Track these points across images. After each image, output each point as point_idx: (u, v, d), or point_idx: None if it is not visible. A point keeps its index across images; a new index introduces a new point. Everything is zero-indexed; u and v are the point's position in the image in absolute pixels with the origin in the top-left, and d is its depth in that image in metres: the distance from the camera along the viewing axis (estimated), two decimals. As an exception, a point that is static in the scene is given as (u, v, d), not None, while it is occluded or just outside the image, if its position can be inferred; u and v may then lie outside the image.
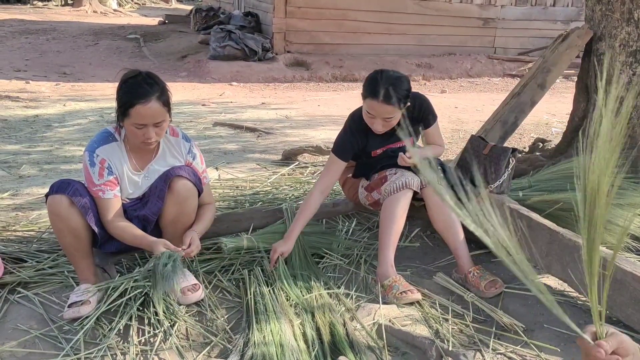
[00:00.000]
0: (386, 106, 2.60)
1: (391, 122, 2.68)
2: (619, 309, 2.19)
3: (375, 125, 2.69)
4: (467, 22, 11.34)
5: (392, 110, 2.61)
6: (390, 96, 2.58)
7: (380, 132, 2.73)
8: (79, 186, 2.36)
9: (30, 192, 3.75)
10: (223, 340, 2.21)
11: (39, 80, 8.56)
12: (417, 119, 2.88)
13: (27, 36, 13.15)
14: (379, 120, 2.66)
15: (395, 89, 2.59)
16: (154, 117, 2.29)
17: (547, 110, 7.37)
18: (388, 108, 2.60)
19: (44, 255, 2.75)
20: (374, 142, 2.84)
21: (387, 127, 2.71)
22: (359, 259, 2.87)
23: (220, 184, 3.89)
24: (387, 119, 2.65)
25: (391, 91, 2.58)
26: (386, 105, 2.60)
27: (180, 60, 10.80)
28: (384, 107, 2.61)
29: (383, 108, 2.61)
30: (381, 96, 2.58)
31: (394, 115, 2.65)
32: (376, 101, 2.60)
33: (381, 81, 2.60)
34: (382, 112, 2.63)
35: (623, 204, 2.84)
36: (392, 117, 2.66)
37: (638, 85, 3.24)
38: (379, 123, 2.67)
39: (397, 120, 2.69)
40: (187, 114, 6.64)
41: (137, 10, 22.16)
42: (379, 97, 2.58)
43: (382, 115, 2.64)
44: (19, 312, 2.35)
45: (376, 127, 2.69)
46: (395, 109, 2.61)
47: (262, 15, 11.12)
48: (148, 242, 2.35)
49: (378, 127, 2.69)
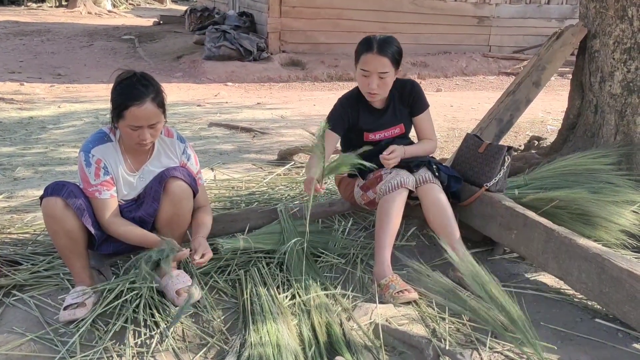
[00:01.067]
0: (381, 58, 2.67)
1: (386, 80, 2.73)
2: (615, 306, 2.19)
3: (371, 85, 2.72)
4: (462, 21, 11.36)
5: (386, 63, 2.68)
6: (384, 48, 2.68)
7: (374, 93, 2.75)
8: (73, 188, 2.35)
9: (25, 194, 3.74)
10: (219, 342, 2.20)
11: (34, 81, 8.54)
12: (407, 102, 2.91)
13: (21, 38, 13.12)
14: (375, 77, 2.71)
15: (387, 43, 2.70)
16: (148, 118, 2.28)
17: (542, 108, 7.39)
18: (383, 60, 2.67)
19: (39, 258, 2.74)
20: (365, 119, 2.87)
21: (382, 87, 2.74)
22: (355, 259, 2.87)
23: (216, 185, 3.88)
24: (382, 74, 2.70)
25: (385, 45, 2.69)
26: (381, 57, 2.67)
27: (175, 60, 10.79)
28: (380, 59, 2.67)
29: (378, 60, 2.67)
30: (376, 48, 2.67)
31: (389, 72, 2.71)
32: (371, 53, 2.68)
33: (373, 38, 2.73)
34: (377, 66, 2.68)
35: (618, 201, 2.85)
36: (387, 74, 2.71)
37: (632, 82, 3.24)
38: (374, 80, 2.71)
39: (391, 82, 2.76)
40: (182, 114, 6.63)
41: (132, 11, 22.12)
42: (374, 48, 2.68)
43: (377, 69, 2.69)
44: (15, 315, 2.34)
45: (371, 87, 2.73)
46: (389, 62, 2.69)
47: (257, 15, 11.11)
48: (154, 240, 2.35)
49: (373, 85, 2.72)
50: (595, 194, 2.84)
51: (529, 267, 2.81)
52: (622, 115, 3.30)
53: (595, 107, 3.45)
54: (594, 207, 2.76)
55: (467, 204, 2.87)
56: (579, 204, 2.77)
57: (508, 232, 2.67)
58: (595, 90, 3.44)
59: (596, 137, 3.43)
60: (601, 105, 3.41)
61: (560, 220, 2.72)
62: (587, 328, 2.31)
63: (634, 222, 2.79)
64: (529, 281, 2.69)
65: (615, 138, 3.33)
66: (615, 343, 2.20)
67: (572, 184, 2.97)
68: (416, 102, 2.92)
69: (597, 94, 3.43)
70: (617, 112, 3.32)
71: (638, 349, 2.17)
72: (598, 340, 2.22)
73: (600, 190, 2.91)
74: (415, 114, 2.93)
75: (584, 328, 2.31)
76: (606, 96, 3.37)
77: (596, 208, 2.76)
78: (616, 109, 3.32)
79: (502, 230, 2.70)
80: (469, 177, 2.90)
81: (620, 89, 3.29)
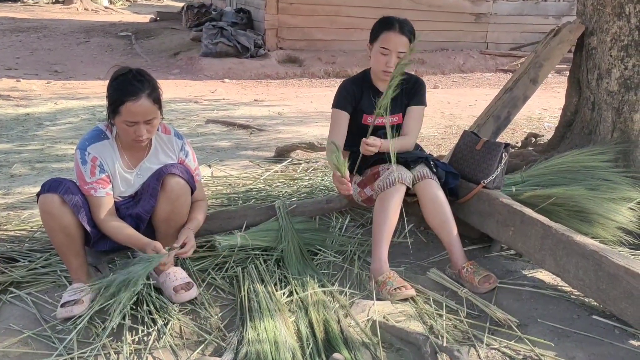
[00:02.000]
0: (402, 36, 2.75)
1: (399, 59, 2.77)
2: (612, 302, 2.19)
3: (389, 62, 2.78)
4: (459, 18, 11.36)
5: (406, 43, 2.76)
6: (405, 28, 2.77)
7: (390, 71, 2.76)
8: (70, 185, 2.35)
9: (22, 191, 3.73)
10: (217, 339, 2.20)
11: (30, 78, 8.51)
12: (409, 94, 2.92)
13: (17, 34, 13.08)
14: (394, 55, 2.76)
15: (407, 24, 2.81)
16: (144, 114, 2.28)
17: (539, 105, 7.40)
18: (403, 39, 2.76)
19: (36, 255, 2.74)
20: (367, 101, 2.88)
21: (394, 66, 2.78)
22: (352, 256, 2.87)
23: (213, 182, 3.88)
24: (401, 53, 2.76)
25: (405, 24, 2.79)
26: (402, 36, 2.75)
27: (173, 57, 10.77)
28: (400, 38, 2.75)
29: (399, 39, 2.75)
30: (398, 27, 2.76)
31: (406, 52, 2.76)
32: (393, 32, 2.76)
33: (394, 18, 2.81)
34: (398, 44, 2.75)
35: (616, 198, 2.85)
36: (404, 54, 2.76)
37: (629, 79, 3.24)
38: (392, 59, 2.77)
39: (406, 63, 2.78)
40: (179, 111, 6.61)
41: (129, 8, 22.06)
42: (396, 27, 2.76)
43: (397, 47, 2.75)
44: (12, 312, 2.33)
45: (389, 64, 2.77)
46: (408, 42, 2.76)
47: (254, 12, 11.09)
48: (141, 243, 2.34)
49: (391, 62, 2.77)
50: (592, 191, 2.84)
51: (526, 264, 2.82)
52: (619, 112, 3.30)
53: (592, 104, 3.46)
54: (591, 204, 2.76)
55: (465, 201, 2.87)
56: (576, 201, 2.77)
57: (505, 229, 2.67)
58: (593, 88, 3.44)
59: (593, 134, 3.44)
60: (598, 102, 3.41)
61: (558, 217, 2.72)
62: (584, 325, 2.31)
63: (631, 219, 2.80)
64: (526, 278, 2.70)
65: (612, 135, 3.33)
66: (612, 340, 2.21)
67: (569, 181, 2.97)
68: (415, 94, 2.92)
69: (594, 91, 3.44)
70: (614, 109, 3.32)
71: (634, 346, 2.17)
72: (595, 337, 2.23)
73: (597, 187, 2.91)
74: (410, 104, 2.93)
75: (581, 325, 2.31)
76: (603, 93, 3.37)
77: (593, 205, 2.76)
78: (613, 106, 3.32)
79: (499, 227, 2.71)
80: (467, 174, 2.90)
81: (618, 86, 3.29)
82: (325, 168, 4.23)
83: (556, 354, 2.12)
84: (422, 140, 5.24)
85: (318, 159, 4.53)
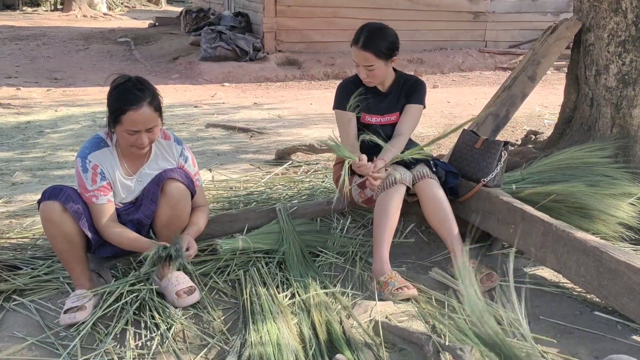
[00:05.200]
0: (364, 52, 2.72)
1: (374, 72, 2.78)
2: (613, 298, 2.20)
3: (360, 74, 2.81)
4: (457, 17, 11.37)
5: (370, 57, 2.72)
6: (368, 43, 2.71)
7: (366, 82, 2.83)
8: (71, 192, 2.36)
9: (24, 198, 3.74)
10: (220, 342, 2.21)
11: (30, 86, 8.54)
12: (408, 94, 2.91)
13: (17, 42, 13.11)
14: (362, 68, 2.77)
15: (374, 37, 2.72)
16: (145, 122, 2.29)
17: (539, 102, 7.40)
18: (366, 55, 2.72)
19: (39, 262, 2.74)
20: (364, 100, 2.87)
21: (371, 78, 2.81)
22: (354, 257, 2.87)
23: (214, 186, 3.88)
24: (369, 67, 2.75)
25: (370, 39, 2.71)
26: (364, 52, 2.72)
27: (172, 62, 10.79)
28: (362, 54, 2.72)
29: (362, 54, 2.73)
30: (360, 43, 2.73)
31: (375, 65, 2.74)
32: (356, 47, 2.75)
33: (364, 29, 2.76)
34: (361, 59, 2.74)
35: (616, 194, 2.85)
36: (373, 66, 2.75)
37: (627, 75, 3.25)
38: (362, 71, 2.79)
39: (381, 72, 2.80)
40: (179, 116, 6.63)
41: (127, 14, 22.09)
42: (359, 43, 2.73)
43: (361, 62, 2.75)
44: (15, 319, 2.34)
45: (362, 76, 2.81)
46: (373, 56, 2.72)
47: (253, 15, 11.11)
48: (143, 246, 2.35)
49: (362, 75, 2.80)
50: (592, 187, 2.84)
51: (527, 261, 2.82)
52: (618, 107, 3.31)
53: (591, 101, 3.46)
54: (591, 200, 2.77)
55: (465, 199, 2.88)
56: (577, 198, 2.77)
57: (506, 227, 2.67)
58: (591, 84, 3.45)
59: (592, 130, 3.44)
60: (597, 98, 3.41)
61: (558, 214, 2.72)
62: (586, 321, 2.32)
63: (632, 215, 2.80)
64: (528, 275, 2.70)
65: (611, 131, 3.34)
66: (614, 335, 2.21)
67: (570, 178, 2.98)
68: (413, 93, 2.91)
69: (592, 87, 3.44)
70: (613, 105, 3.32)
71: (637, 341, 2.17)
72: (597, 333, 2.23)
73: (597, 183, 2.91)
74: (408, 103, 2.92)
75: (583, 321, 2.32)
76: (602, 89, 3.37)
77: (593, 201, 2.77)
78: (612, 102, 3.32)
79: (500, 225, 2.71)
80: (466, 172, 2.90)
81: (616, 81, 3.30)
82: (325, 170, 4.24)
83: (559, 350, 2.12)
84: (422, 140, 5.24)
85: (318, 161, 4.53)
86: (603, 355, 2.03)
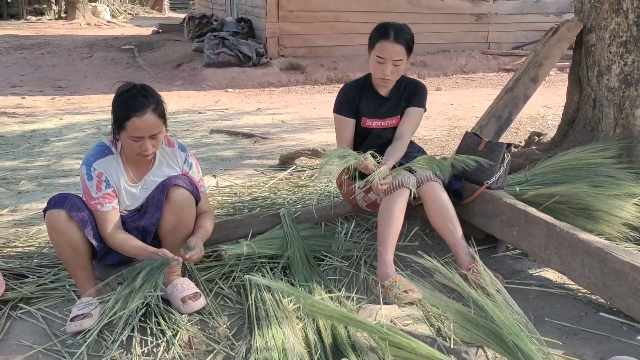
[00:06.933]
0: (397, 45, 2.73)
1: (399, 67, 2.79)
2: (618, 299, 2.19)
3: (384, 71, 2.78)
4: (459, 19, 11.38)
5: (401, 51, 2.74)
6: (400, 36, 2.73)
7: (388, 79, 2.81)
8: (76, 200, 2.37)
9: (30, 207, 3.76)
10: (226, 347, 2.21)
11: (35, 95, 8.58)
12: (409, 97, 2.93)
13: (21, 51, 13.19)
14: (389, 64, 2.76)
15: (403, 31, 2.76)
16: (150, 129, 2.30)
17: (542, 104, 7.39)
18: (398, 48, 2.73)
19: (45, 270, 2.76)
20: (367, 104, 2.91)
21: (395, 73, 2.81)
22: (359, 261, 2.88)
23: (218, 191, 3.90)
24: (397, 62, 2.76)
25: (400, 33, 2.74)
26: (397, 45, 2.73)
27: (175, 69, 10.83)
28: (395, 47, 2.73)
29: (394, 48, 2.73)
30: (392, 36, 2.73)
31: (403, 59, 2.77)
32: (388, 41, 2.73)
33: (390, 25, 2.77)
34: (393, 53, 2.74)
35: (620, 194, 2.85)
36: (401, 61, 2.77)
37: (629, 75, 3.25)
38: (388, 67, 2.77)
39: (403, 69, 2.81)
40: (183, 122, 6.65)
41: (131, 21, 22.20)
42: (390, 37, 2.73)
43: (392, 56, 2.74)
44: (22, 328, 2.35)
45: (385, 73, 2.78)
46: (404, 50, 2.75)
47: (255, 21, 11.14)
48: (148, 253, 2.36)
49: (387, 71, 2.78)
50: (596, 188, 2.84)
51: (532, 263, 2.82)
52: (621, 108, 3.31)
53: (593, 101, 3.46)
54: (595, 201, 2.76)
55: (469, 202, 2.88)
56: (580, 199, 2.77)
57: (510, 229, 2.67)
58: (593, 84, 3.45)
59: (596, 131, 3.44)
60: (599, 99, 3.41)
61: (562, 216, 2.72)
62: (591, 322, 2.31)
63: (636, 215, 2.80)
64: (533, 277, 2.70)
65: (614, 131, 3.34)
66: (619, 336, 2.21)
67: (573, 179, 2.97)
68: (414, 97, 2.93)
69: (595, 88, 3.44)
70: (616, 106, 3.32)
71: (643, 342, 2.17)
72: (603, 334, 2.23)
73: (601, 184, 2.91)
74: (409, 106, 2.93)
75: (589, 322, 2.31)
76: (604, 90, 3.37)
77: (597, 202, 2.76)
78: (614, 102, 3.32)
79: (504, 227, 2.71)
80: (470, 175, 2.90)
81: (618, 82, 3.30)
82: (329, 174, 4.24)
83: (564, 352, 2.12)
84: (426, 143, 5.25)
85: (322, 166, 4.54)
86: (608, 357, 2.04)
